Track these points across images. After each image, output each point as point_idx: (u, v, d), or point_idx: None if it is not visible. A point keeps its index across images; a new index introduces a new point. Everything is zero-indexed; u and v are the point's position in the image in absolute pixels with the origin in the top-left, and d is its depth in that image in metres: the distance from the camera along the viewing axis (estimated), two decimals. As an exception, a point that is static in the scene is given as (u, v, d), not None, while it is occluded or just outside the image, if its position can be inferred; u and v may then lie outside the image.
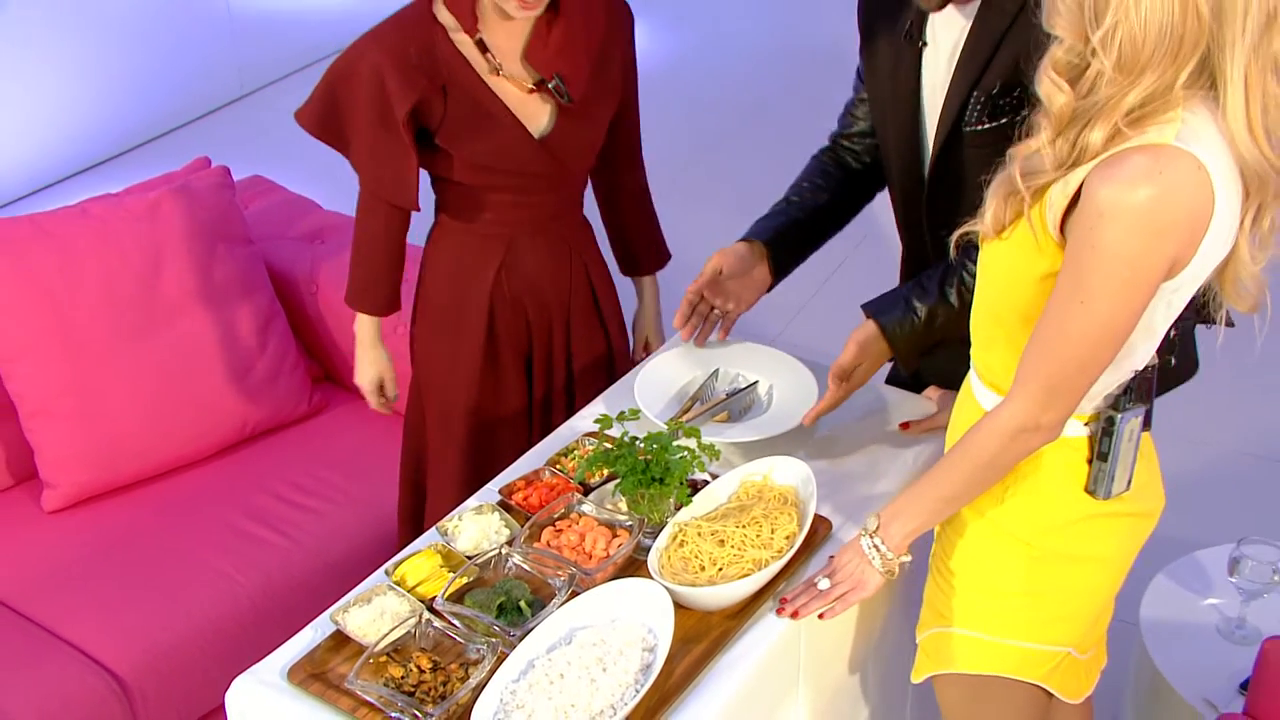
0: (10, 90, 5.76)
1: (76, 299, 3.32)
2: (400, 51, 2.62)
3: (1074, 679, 2.38)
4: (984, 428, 2.11)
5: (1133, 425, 2.14)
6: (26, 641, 3.00)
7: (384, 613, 2.28)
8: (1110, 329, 1.94)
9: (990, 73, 2.57)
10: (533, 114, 2.72)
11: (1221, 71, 1.82)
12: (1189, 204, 1.85)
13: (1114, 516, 2.22)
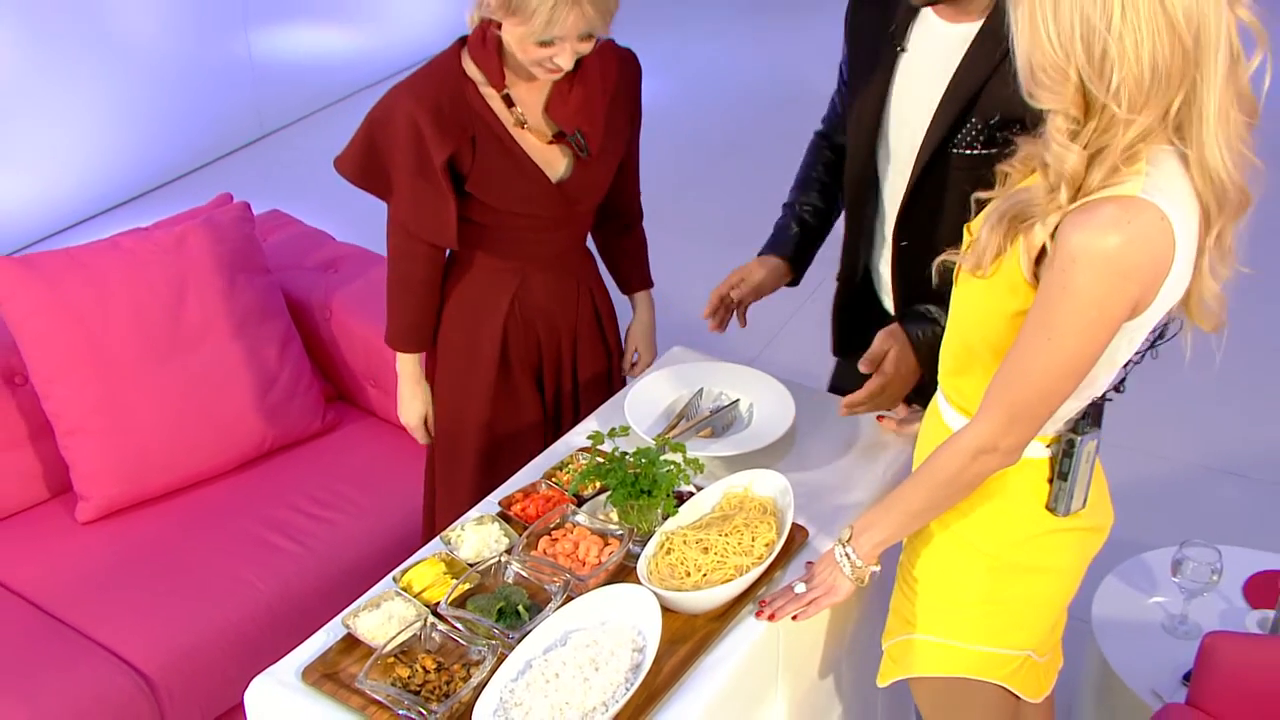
0: (48, 132, 5.75)
1: (108, 325, 3.30)
2: (434, 103, 2.61)
3: (1034, 680, 2.38)
4: (949, 448, 2.12)
5: (1090, 447, 2.16)
6: (61, 643, 2.99)
7: (392, 617, 2.27)
8: (1073, 364, 1.95)
9: (988, 99, 2.53)
10: (552, 162, 2.72)
11: (1200, 100, 1.83)
12: (1153, 250, 1.86)
13: (1070, 531, 2.23)
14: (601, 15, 2.45)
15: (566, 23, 2.41)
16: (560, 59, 2.48)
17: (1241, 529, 4.03)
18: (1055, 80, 1.85)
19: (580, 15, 2.40)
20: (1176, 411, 4.50)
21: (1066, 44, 1.82)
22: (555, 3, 2.37)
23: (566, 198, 2.75)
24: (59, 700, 2.83)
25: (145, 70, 6.16)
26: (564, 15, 2.39)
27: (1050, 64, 1.85)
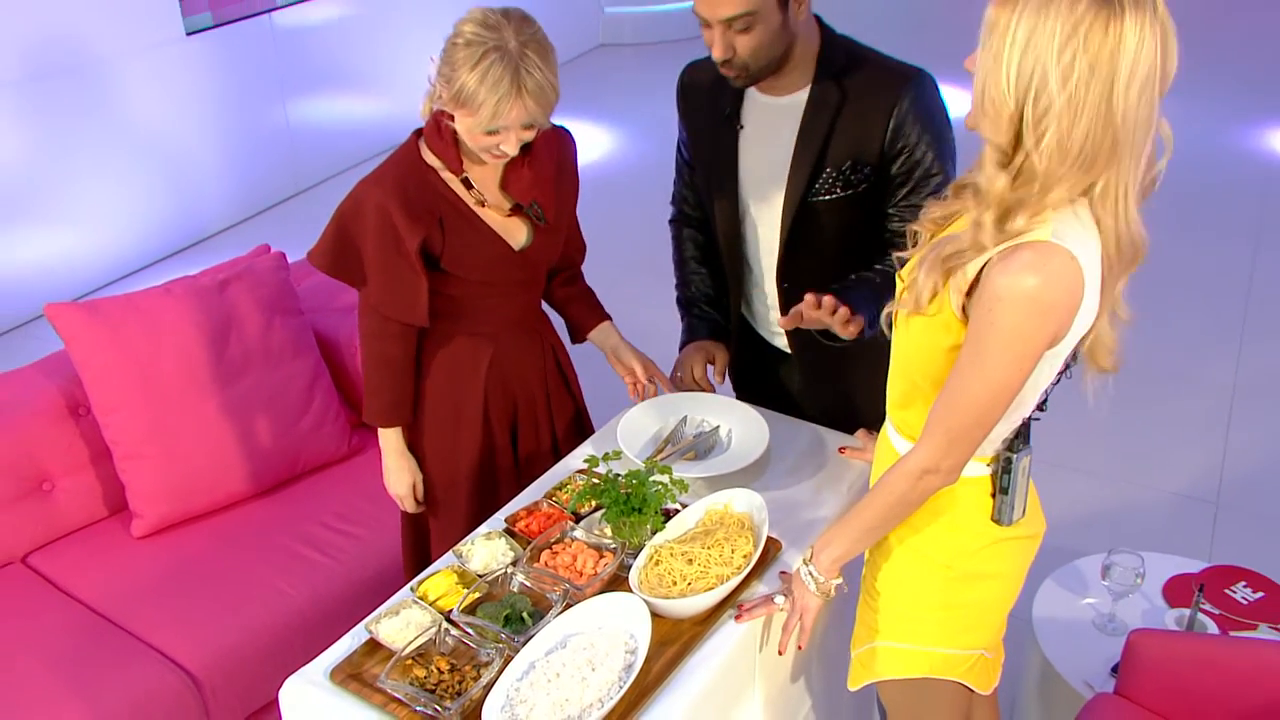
0: (110, 192, 5.75)
1: (160, 362, 3.30)
2: (401, 192, 2.56)
3: (986, 674, 2.37)
4: (896, 470, 2.12)
5: (1025, 463, 2.17)
6: (118, 646, 2.97)
7: (410, 623, 2.26)
8: (1002, 391, 1.96)
9: (834, 151, 2.61)
10: (513, 232, 2.69)
11: (1113, 185, 1.86)
12: (1066, 287, 1.88)
13: (1012, 539, 2.23)
14: (542, 108, 2.43)
15: (510, 115, 2.39)
16: (505, 146, 2.46)
17: (1161, 538, 4.04)
18: (998, 113, 1.85)
19: (522, 108, 2.39)
20: (1104, 437, 4.49)
21: (1022, 86, 1.80)
22: (499, 98, 2.35)
23: (529, 263, 2.73)
24: (117, 696, 2.82)
25: (195, 137, 6.19)
26: (507, 109, 2.37)
27: (999, 98, 1.84)
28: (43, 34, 5.28)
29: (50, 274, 5.55)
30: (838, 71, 2.61)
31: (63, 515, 3.32)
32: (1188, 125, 7.51)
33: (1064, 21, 1.74)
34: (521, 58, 2.36)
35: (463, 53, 2.37)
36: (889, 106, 2.56)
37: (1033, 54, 1.78)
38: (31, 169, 5.37)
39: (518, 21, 2.41)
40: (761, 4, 2.43)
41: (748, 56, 2.51)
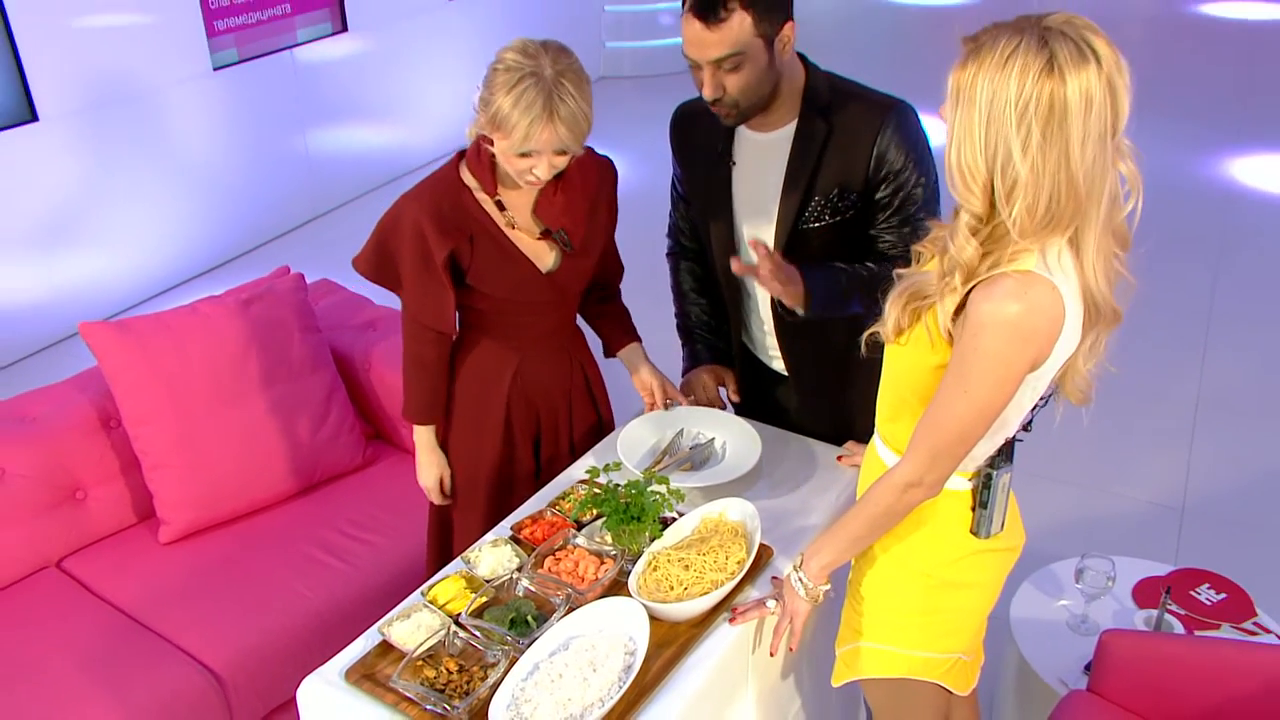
0: (140, 217, 5.76)
1: (187, 377, 3.29)
2: (435, 208, 2.57)
3: (964, 676, 2.37)
4: (882, 483, 2.11)
5: (1004, 480, 2.16)
6: (146, 646, 2.96)
7: (420, 626, 2.25)
8: (984, 412, 1.96)
9: (822, 180, 2.61)
10: (541, 255, 2.68)
11: (1081, 238, 1.87)
12: (1047, 315, 1.87)
13: (990, 551, 2.23)
14: (573, 135, 2.42)
15: (541, 138, 2.38)
16: (538, 170, 2.45)
17: (1130, 543, 4.04)
18: (970, 182, 1.86)
19: (553, 133, 2.38)
20: (1077, 448, 4.49)
21: (989, 159, 1.82)
22: (532, 120, 2.35)
23: (555, 285, 2.72)
24: (145, 694, 2.81)
25: (221, 165, 6.21)
26: (539, 132, 2.37)
27: (969, 168, 1.85)
28: (78, 71, 5.29)
29: (84, 294, 5.55)
30: (822, 105, 2.60)
31: (94, 522, 3.31)
32: (1150, 157, 7.52)
33: (1015, 94, 1.75)
34: (556, 85, 2.36)
35: (501, 78, 2.38)
36: (872, 136, 2.56)
37: (995, 126, 1.79)
38: (67, 197, 5.38)
39: (555, 51, 2.41)
40: (748, 44, 2.42)
41: (737, 95, 2.50)
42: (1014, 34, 1.77)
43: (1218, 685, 2.58)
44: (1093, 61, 1.75)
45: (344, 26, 6.77)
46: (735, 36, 2.41)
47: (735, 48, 2.42)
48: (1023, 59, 1.75)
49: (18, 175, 5.18)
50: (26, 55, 5.07)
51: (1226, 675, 2.58)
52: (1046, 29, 1.77)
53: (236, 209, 6.34)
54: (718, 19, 2.39)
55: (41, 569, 3.21)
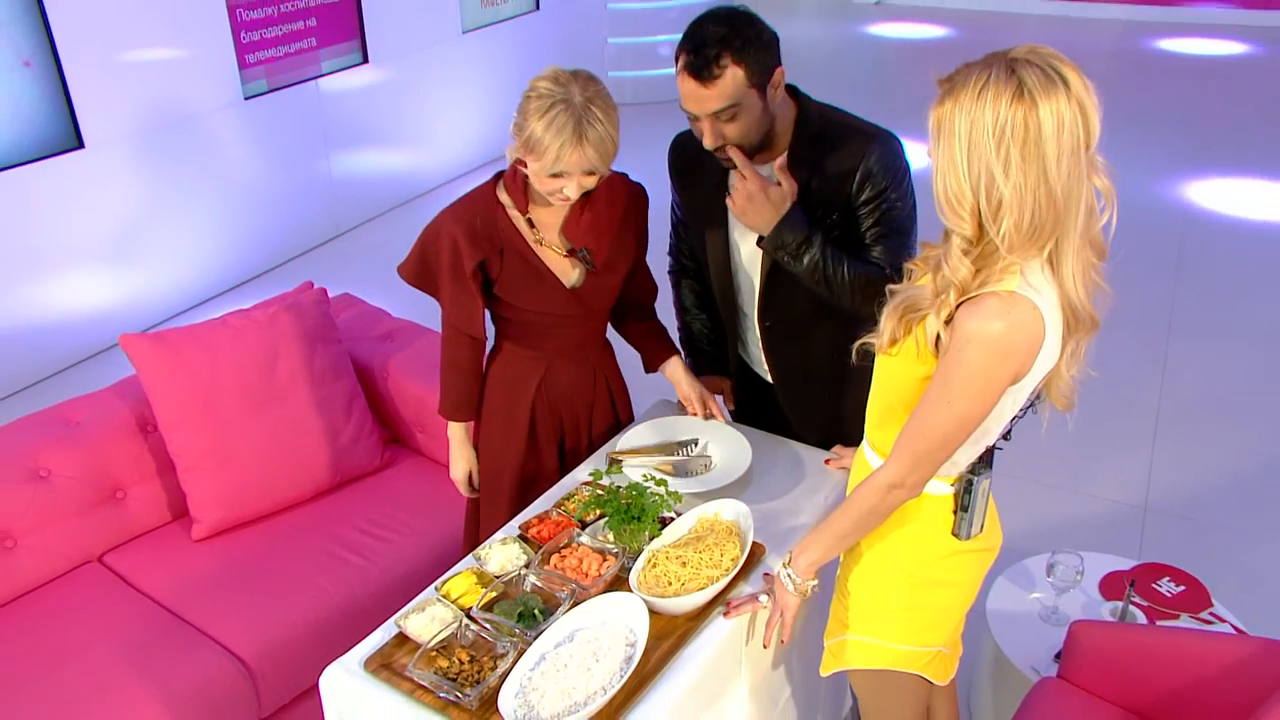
0: (175, 236, 5.76)
1: (218, 385, 3.28)
2: (469, 223, 2.59)
3: (944, 668, 2.37)
4: (867, 484, 2.12)
5: (984, 485, 2.17)
6: (181, 636, 2.95)
7: (434, 619, 2.25)
8: (965, 421, 1.96)
9: (808, 199, 2.58)
10: (567, 272, 2.68)
11: (1064, 246, 1.87)
12: (1028, 332, 1.87)
13: (970, 552, 2.23)
14: (601, 157, 2.42)
15: (571, 159, 2.39)
16: (568, 190, 2.46)
17: (1097, 539, 4.03)
18: (958, 208, 1.86)
19: (582, 155, 2.38)
20: (1049, 451, 4.47)
21: (974, 186, 1.82)
22: (562, 143, 2.36)
23: (580, 301, 2.71)
24: (180, 681, 2.80)
25: (250, 187, 6.21)
26: (569, 154, 2.38)
27: (956, 196, 1.85)
28: (121, 102, 5.29)
29: (124, 308, 5.55)
30: (813, 136, 2.59)
31: (133, 520, 3.30)
32: (1119, 175, 7.53)
33: (991, 122, 1.76)
34: (585, 110, 2.37)
35: (534, 104, 2.39)
36: (855, 164, 2.55)
37: (976, 154, 1.80)
38: (109, 219, 5.38)
39: (584, 80, 2.43)
40: (742, 95, 2.42)
41: (738, 139, 2.49)
42: (983, 68, 1.79)
43: (1177, 671, 2.59)
44: (1060, 84, 1.77)
45: (365, 58, 6.77)
46: (730, 91, 2.40)
47: (730, 100, 2.42)
48: (994, 89, 1.76)
49: (65, 199, 5.19)
50: (74, 87, 5.08)
51: (1185, 662, 2.58)
52: (1013, 60, 1.79)
53: (264, 228, 6.34)
54: (712, 76, 2.38)
55: (85, 563, 3.20)
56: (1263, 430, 4.75)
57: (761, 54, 2.42)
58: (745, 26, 2.41)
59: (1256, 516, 4.20)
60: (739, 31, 2.39)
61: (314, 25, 6.37)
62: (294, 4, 6.21)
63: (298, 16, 6.24)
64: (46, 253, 5.16)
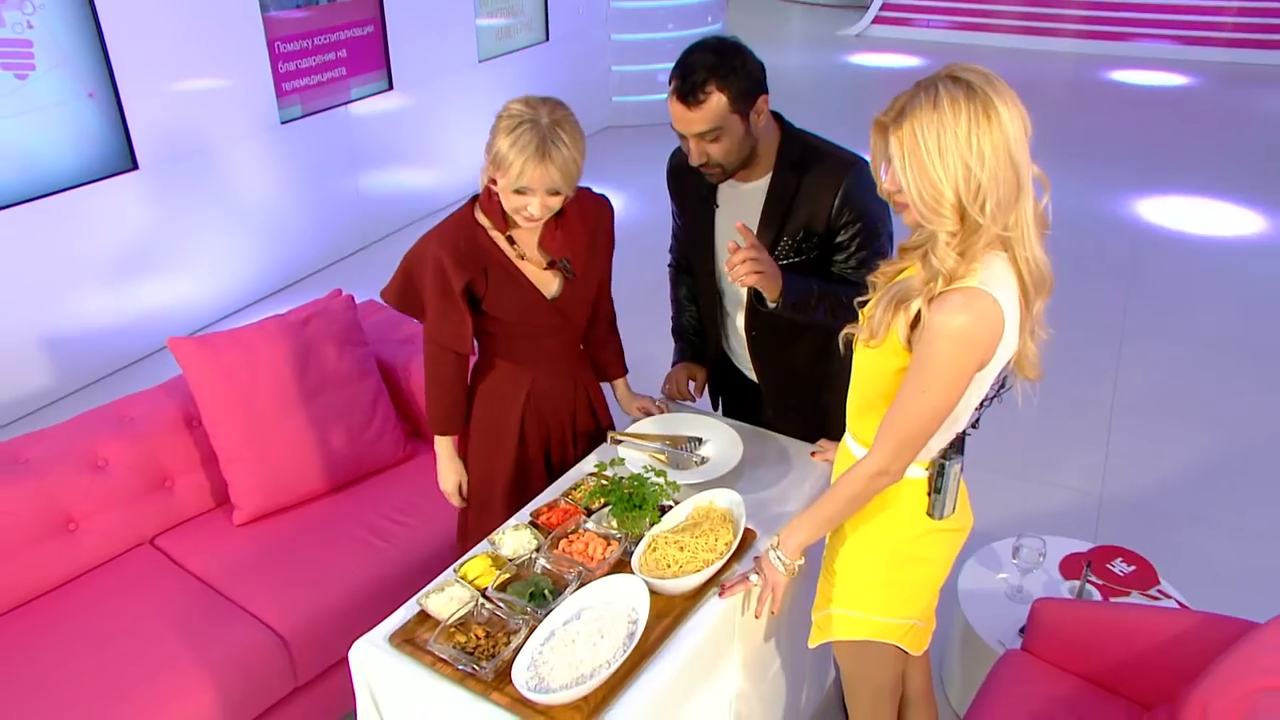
0: (217, 248, 5.75)
1: (255, 383, 3.27)
2: (454, 245, 2.53)
3: (919, 639, 2.37)
4: (853, 472, 2.11)
5: (955, 469, 2.17)
6: (223, 611, 2.95)
7: (453, 598, 2.24)
8: (940, 408, 1.97)
9: (791, 223, 2.60)
10: (547, 283, 2.63)
11: (1022, 218, 1.89)
12: (990, 323, 1.90)
13: (944, 531, 2.22)
14: (564, 177, 2.37)
15: (534, 175, 2.33)
16: (532, 208, 2.40)
17: (1057, 524, 4.02)
18: (938, 209, 1.87)
19: (545, 173, 2.33)
20: (1014, 444, 4.49)
21: (952, 183, 1.84)
22: (526, 159, 2.31)
23: (560, 311, 2.66)
24: (222, 652, 2.80)
25: (285, 202, 6.21)
26: (532, 169, 2.32)
27: (934, 199, 1.86)
28: (171, 126, 5.30)
29: (172, 314, 5.54)
30: (794, 161, 2.59)
31: (180, 506, 3.29)
32: (1076, 196, 7.55)
33: (961, 123, 1.80)
34: (551, 131, 2.33)
35: (504, 124, 2.35)
36: (834, 189, 2.55)
37: (950, 154, 1.82)
38: (157, 230, 5.37)
39: (553, 105, 2.38)
40: (725, 119, 2.43)
41: (721, 159, 2.51)
42: (926, 89, 1.85)
43: (1128, 642, 2.60)
44: (1005, 91, 1.84)
45: (390, 85, 6.76)
46: (713, 114, 2.42)
47: (714, 123, 2.43)
48: (948, 98, 1.82)
49: (122, 214, 5.20)
50: (130, 114, 5.09)
51: (1135, 634, 2.60)
52: (948, 75, 1.86)
53: (298, 240, 6.33)
54: (698, 101, 2.40)
55: (137, 545, 3.20)
56: (1206, 426, 4.75)
57: (745, 82, 2.42)
58: (731, 56, 2.42)
59: (1199, 503, 4.20)
60: (725, 61, 2.40)
61: (344, 56, 6.36)
62: (326, 38, 6.21)
63: (329, 49, 6.23)
64: (104, 263, 5.16)
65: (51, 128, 4.77)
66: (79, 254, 5.04)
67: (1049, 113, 9.88)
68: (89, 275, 5.10)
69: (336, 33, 6.27)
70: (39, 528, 3.00)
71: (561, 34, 8.49)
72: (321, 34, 6.16)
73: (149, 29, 5.08)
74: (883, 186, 1.98)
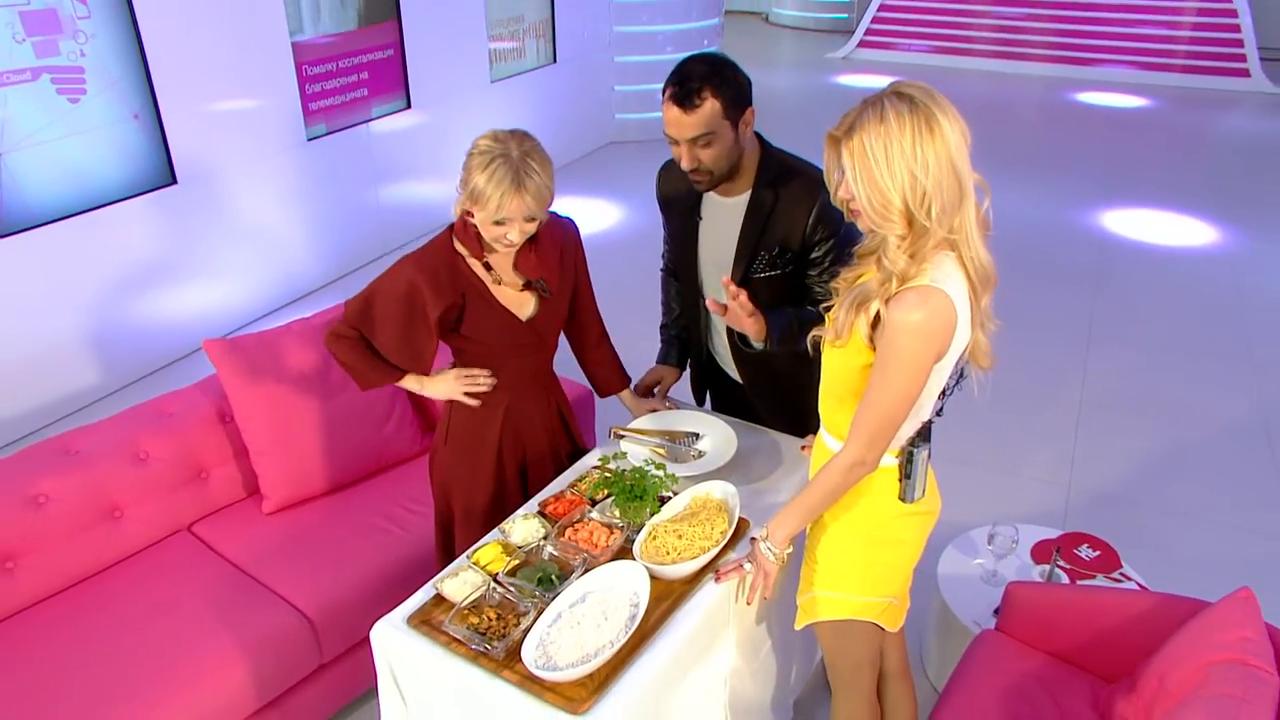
0: (249, 256, 5.75)
1: (282, 382, 3.27)
2: (432, 272, 2.46)
3: (894, 616, 2.36)
4: (831, 465, 2.12)
5: (923, 456, 2.17)
6: (254, 594, 2.94)
7: (466, 582, 2.24)
8: (905, 398, 1.99)
9: (768, 238, 2.60)
10: (522, 305, 2.58)
11: (966, 221, 1.91)
12: (944, 319, 1.92)
13: (915, 515, 2.23)
14: (539, 203, 2.34)
15: (511, 207, 2.30)
16: (511, 235, 2.37)
17: (1029, 513, 4.02)
18: (888, 214, 1.90)
19: (522, 203, 2.30)
20: (989, 440, 4.48)
21: (900, 189, 1.87)
22: (503, 193, 2.28)
23: (535, 330, 2.61)
24: (254, 631, 2.80)
25: (312, 213, 6.20)
26: (510, 202, 2.29)
27: (883, 205, 1.89)
28: (207, 144, 5.30)
29: (206, 317, 5.54)
30: (772, 179, 2.59)
31: (215, 496, 3.29)
32: (1045, 208, 7.53)
33: (906, 135, 1.83)
34: (523, 162, 2.29)
35: (477, 160, 2.31)
36: (809, 207, 2.55)
37: (896, 164, 1.85)
38: (194, 240, 5.37)
39: (520, 137, 2.34)
40: (717, 125, 2.43)
41: (710, 165, 2.50)
42: (873, 106, 1.87)
43: (1092, 621, 2.61)
44: (946, 105, 1.86)
45: (409, 105, 6.76)
46: (707, 119, 2.41)
47: (707, 128, 2.42)
48: (894, 112, 1.84)
49: (161, 226, 5.20)
50: (170, 133, 5.10)
51: (1099, 614, 2.61)
52: (893, 92, 1.88)
53: (322, 248, 6.33)
54: (693, 105, 2.39)
55: (176, 532, 3.20)
56: (1166, 422, 4.74)
57: (736, 92, 2.43)
58: (724, 67, 2.44)
59: (1159, 493, 4.19)
60: (719, 71, 2.41)
61: (366, 79, 6.36)
62: (350, 61, 6.20)
63: (352, 71, 6.23)
64: (145, 270, 5.16)
65: (100, 146, 4.79)
66: (124, 262, 5.05)
67: (1020, 130, 9.88)
68: (132, 281, 5.11)
69: (359, 56, 6.27)
70: (88, 515, 3.01)
71: (568, 56, 8.48)
72: (345, 58, 6.16)
73: (188, 55, 5.10)
74: (837, 196, 1.99)
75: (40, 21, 4.39)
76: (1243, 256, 6.75)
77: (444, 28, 7.02)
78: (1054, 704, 2.51)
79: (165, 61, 4.97)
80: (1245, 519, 4.03)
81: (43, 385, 4.77)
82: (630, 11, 8.93)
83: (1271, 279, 6.39)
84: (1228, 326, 5.74)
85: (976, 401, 2.18)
